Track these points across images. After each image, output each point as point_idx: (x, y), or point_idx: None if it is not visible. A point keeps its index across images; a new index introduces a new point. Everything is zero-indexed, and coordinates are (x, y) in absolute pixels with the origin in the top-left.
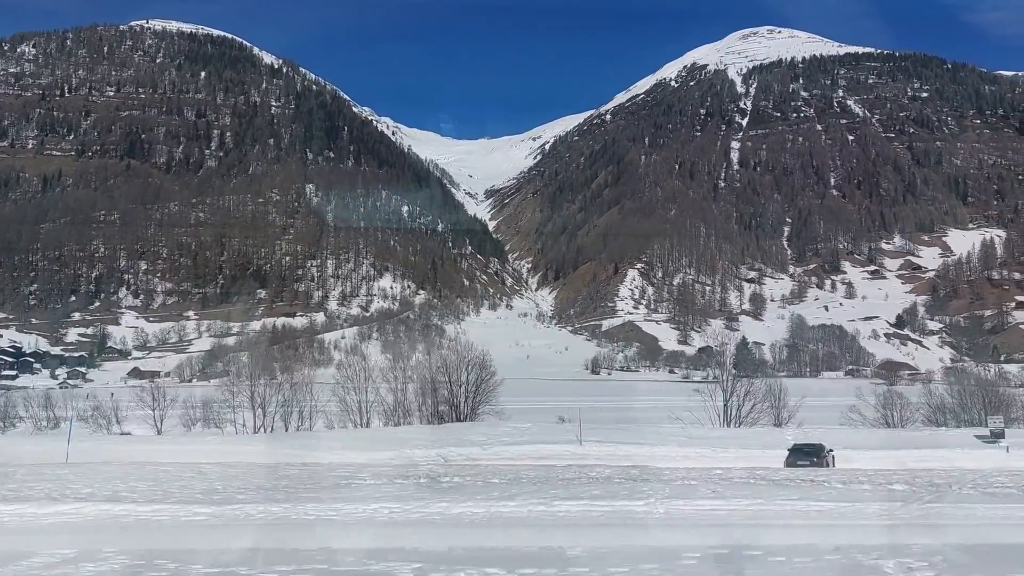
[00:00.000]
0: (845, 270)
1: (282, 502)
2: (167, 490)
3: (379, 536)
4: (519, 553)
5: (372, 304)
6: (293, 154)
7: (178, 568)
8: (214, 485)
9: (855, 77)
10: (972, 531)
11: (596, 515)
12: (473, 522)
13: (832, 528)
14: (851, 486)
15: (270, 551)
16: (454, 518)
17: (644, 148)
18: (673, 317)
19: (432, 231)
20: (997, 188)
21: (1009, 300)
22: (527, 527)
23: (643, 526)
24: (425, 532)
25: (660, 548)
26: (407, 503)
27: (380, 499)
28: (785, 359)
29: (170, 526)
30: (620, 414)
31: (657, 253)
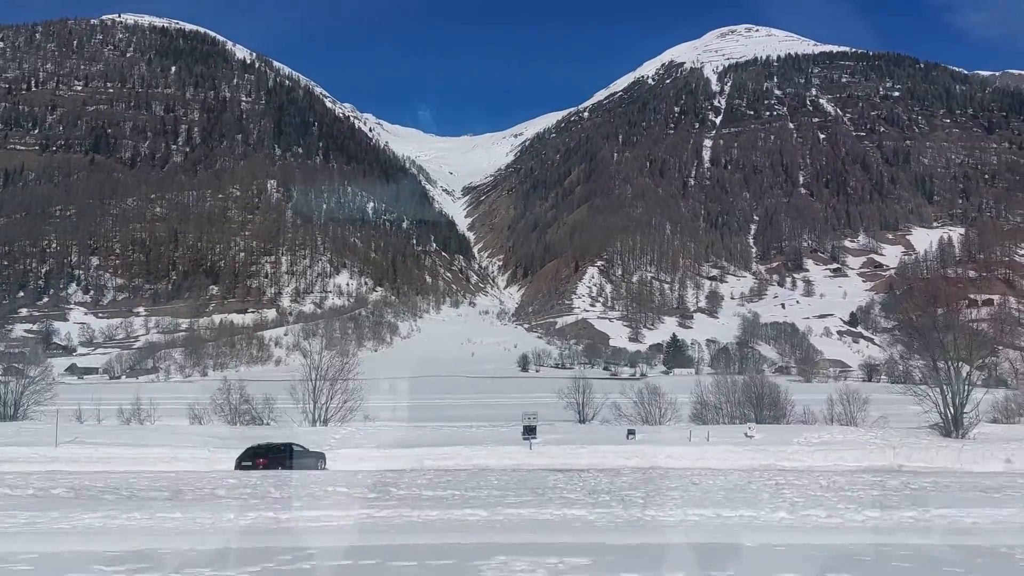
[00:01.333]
0: (807, 268)
1: None
2: None
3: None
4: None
5: (327, 301)
6: (261, 150)
7: None
8: None
9: (829, 76)
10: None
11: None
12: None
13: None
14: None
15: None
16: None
17: (617, 146)
18: (626, 315)
19: (397, 228)
20: (963, 187)
21: (962, 298)
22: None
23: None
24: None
25: None
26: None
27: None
28: (716, 356)
29: None
30: (442, 412)
31: (619, 251)
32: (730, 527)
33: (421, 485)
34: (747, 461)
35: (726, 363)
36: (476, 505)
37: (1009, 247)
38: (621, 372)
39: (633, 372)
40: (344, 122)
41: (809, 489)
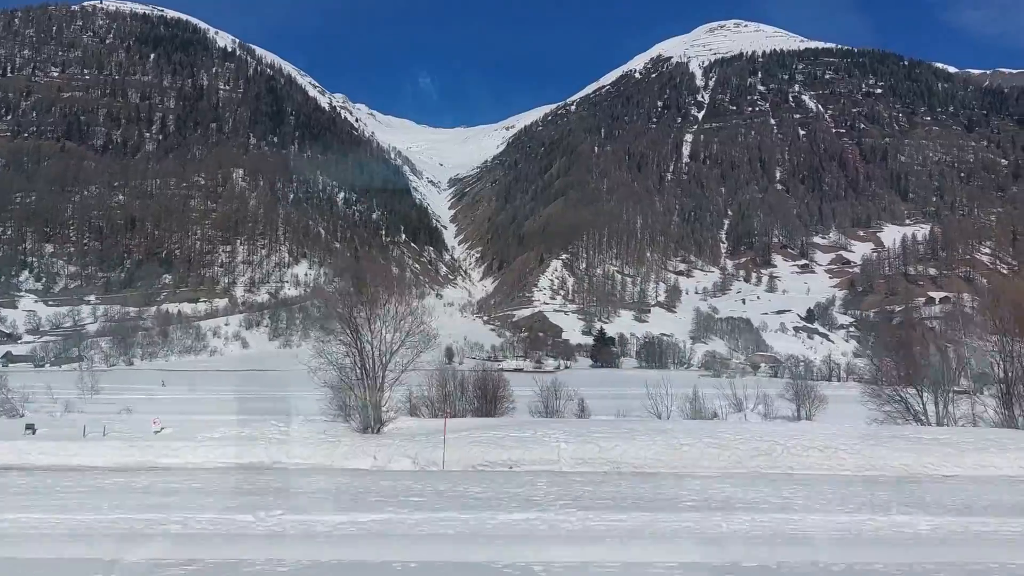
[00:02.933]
0: (775, 264)
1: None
2: None
3: None
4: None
5: (283, 291)
6: (235, 139)
7: None
8: None
9: (813, 72)
10: None
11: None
12: None
13: None
14: None
15: None
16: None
17: (599, 139)
18: (582, 308)
19: (366, 219)
20: (938, 185)
21: (921, 295)
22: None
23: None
24: None
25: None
26: None
27: None
28: (640, 351)
29: None
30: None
31: (587, 244)
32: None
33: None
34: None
35: (648, 357)
36: None
37: (973, 245)
38: (547, 365)
39: (557, 365)
40: (325, 112)
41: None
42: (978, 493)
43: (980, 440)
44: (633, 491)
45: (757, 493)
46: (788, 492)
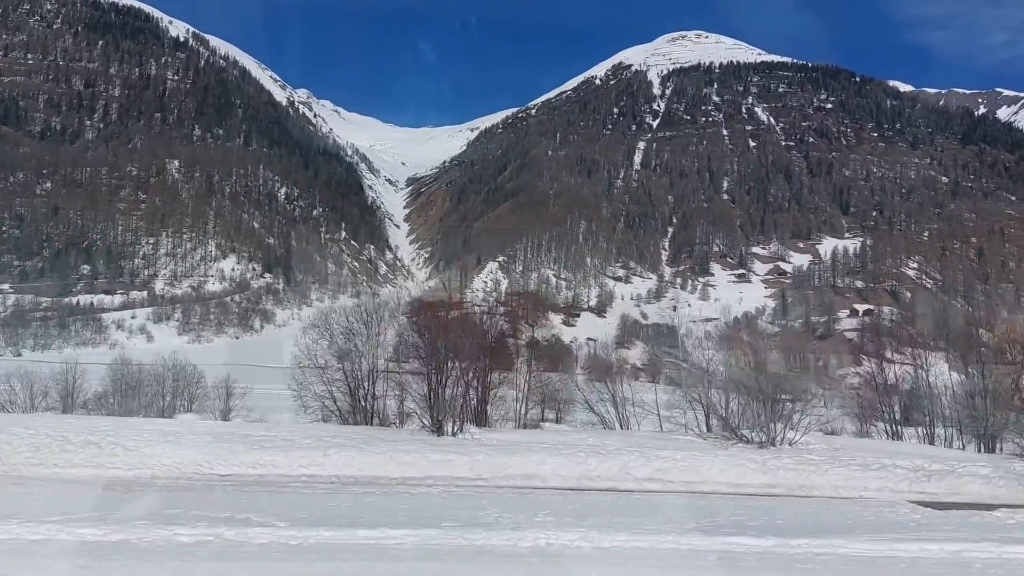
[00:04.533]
0: (713, 272)
1: None
2: None
3: None
4: None
5: (206, 285)
6: (180, 130)
7: None
8: None
9: (767, 85)
10: None
11: None
12: None
13: None
14: None
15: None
16: None
17: (554, 144)
18: (510, 311)
19: (306, 215)
20: (878, 200)
21: (846, 307)
22: None
23: None
24: None
25: None
26: None
27: None
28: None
29: None
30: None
31: (527, 248)
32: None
33: None
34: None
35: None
36: None
37: (901, 259)
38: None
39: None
40: (280, 107)
41: None
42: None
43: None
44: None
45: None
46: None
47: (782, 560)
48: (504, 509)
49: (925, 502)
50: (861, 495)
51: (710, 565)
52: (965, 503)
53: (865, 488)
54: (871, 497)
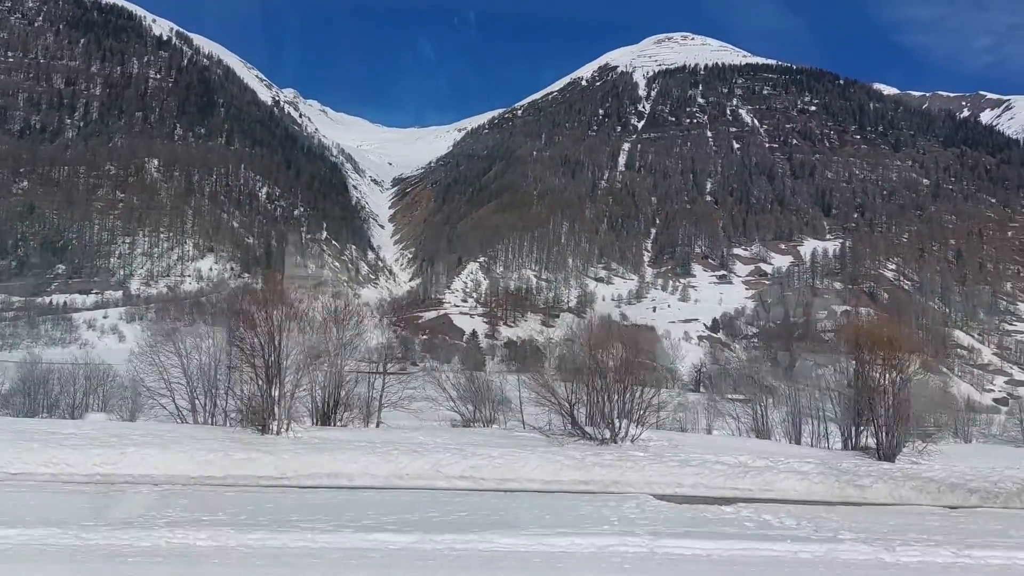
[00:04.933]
0: (695, 274)
1: None
2: None
3: None
4: None
5: (183, 285)
6: (161, 129)
7: None
8: None
9: (751, 87)
10: None
11: None
12: None
13: None
14: None
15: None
16: None
17: (540, 145)
18: (489, 311)
19: (287, 215)
20: (860, 202)
21: (824, 308)
22: None
23: None
24: None
25: None
26: None
27: None
28: (510, 355)
29: None
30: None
31: (508, 248)
32: None
33: None
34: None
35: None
36: None
37: (880, 261)
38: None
39: (422, 367)
40: (264, 106)
41: None
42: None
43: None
44: None
45: None
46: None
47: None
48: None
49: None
50: (676, 491)
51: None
52: (743, 498)
53: (679, 484)
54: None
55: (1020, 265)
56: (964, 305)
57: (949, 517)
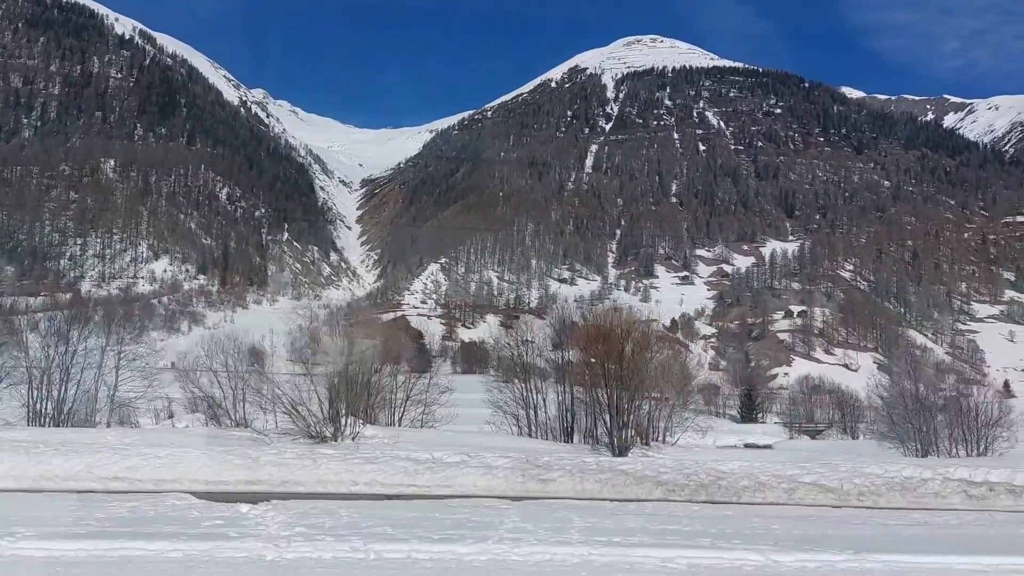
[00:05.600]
0: (658, 275)
1: None
2: None
3: None
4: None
5: (136, 287)
6: (121, 129)
7: None
8: None
9: (718, 90)
10: None
11: None
12: None
13: None
14: None
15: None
16: None
17: (507, 146)
18: (447, 313)
19: (248, 216)
20: (822, 204)
21: (781, 308)
22: None
23: None
24: None
25: None
26: None
27: None
28: (456, 355)
29: None
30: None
31: (472, 249)
32: None
33: None
34: None
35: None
36: None
37: (838, 262)
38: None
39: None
40: (229, 106)
41: None
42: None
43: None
44: None
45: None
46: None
47: None
48: None
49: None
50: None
51: None
52: (417, 495)
53: (354, 482)
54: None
55: (975, 265)
56: (919, 305)
57: (599, 511)
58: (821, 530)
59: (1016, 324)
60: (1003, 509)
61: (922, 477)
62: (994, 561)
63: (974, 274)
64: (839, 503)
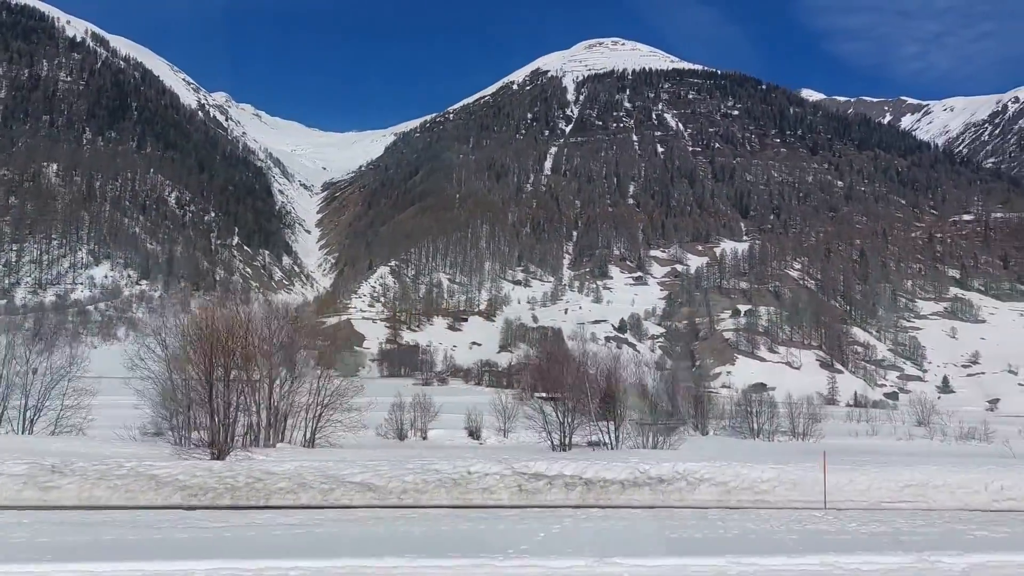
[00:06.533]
0: (612, 275)
1: None
2: None
3: None
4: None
5: (74, 294)
6: (69, 133)
7: None
8: None
9: (677, 92)
10: None
11: None
12: None
13: None
14: None
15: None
16: None
17: (467, 149)
18: (393, 316)
19: (197, 220)
20: (776, 204)
21: (728, 308)
22: None
23: None
24: None
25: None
26: None
27: None
28: (381, 358)
29: None
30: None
31: (424, 251)
32: None
33: None
34: None
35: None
36: None
37: (787, 261)
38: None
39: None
40: (183, 109)
41: None
42: None
43: None
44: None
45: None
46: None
47: None
48: None
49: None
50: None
51: None
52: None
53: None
54: None
55: (922, 264)
56: (864, 303)
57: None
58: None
59: (959, 321)
60: (546, 504)
61: (484, 472)
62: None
63: (920, 272)
64: (381, 502)
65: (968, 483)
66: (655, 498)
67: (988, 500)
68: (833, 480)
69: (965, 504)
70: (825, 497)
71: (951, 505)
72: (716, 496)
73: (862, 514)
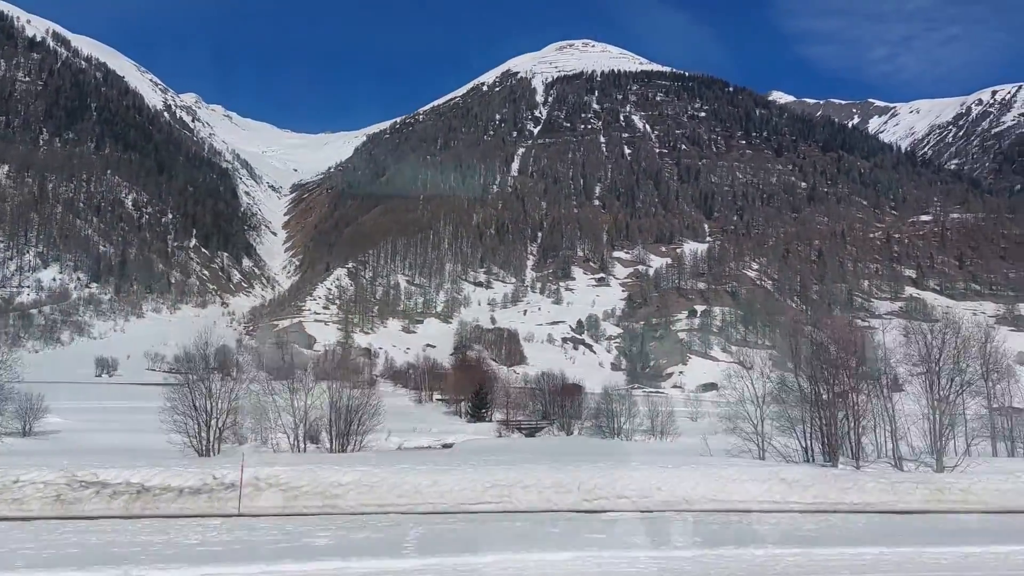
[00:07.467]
0: (575, 276)
1: None
2: None
3: None
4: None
5: (19, 297)
6: (26, 133)
7: None
8: None
9: (645, 93)
10: None
11: None
12: None
13: None
14: None
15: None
16: None
17: (435, 150)
18: (345, 318)
19: (154, 222)
20: (740, 205)
21: (685, 308)
22: None
23: None
24: None
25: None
26: None
27: None
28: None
29: None
30: None
31: (382, 253)
32: None
33: None
34: None
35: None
36: None
37: (745, 261)
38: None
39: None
40: (147, 110)
41: None
42: None
43: None
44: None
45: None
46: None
47: None
48: None
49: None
50: None
51: None
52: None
53: None
54: None
55: (879, 264)
56: (820, 303)
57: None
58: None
59: (913, 320)
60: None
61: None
62: None
63: (877, 272)
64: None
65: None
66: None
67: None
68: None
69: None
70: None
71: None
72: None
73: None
